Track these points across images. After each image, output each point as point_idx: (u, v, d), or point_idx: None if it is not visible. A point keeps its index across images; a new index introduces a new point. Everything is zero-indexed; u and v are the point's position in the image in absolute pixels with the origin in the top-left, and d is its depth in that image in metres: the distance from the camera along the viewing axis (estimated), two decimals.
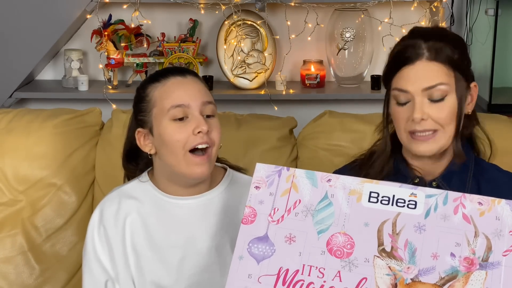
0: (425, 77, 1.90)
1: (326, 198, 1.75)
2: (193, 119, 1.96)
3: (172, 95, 1.98)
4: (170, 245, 2.03)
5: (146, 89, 2.03)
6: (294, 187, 1.78)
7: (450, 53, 1.92)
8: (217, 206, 2.06)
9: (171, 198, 2.04)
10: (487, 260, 1.63)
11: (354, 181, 1.76)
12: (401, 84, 1.92)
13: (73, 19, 3.45)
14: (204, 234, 2.03)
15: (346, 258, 1.67)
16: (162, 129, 1.97)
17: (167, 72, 2.04)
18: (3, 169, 2.67)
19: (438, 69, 1.90)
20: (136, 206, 2.05)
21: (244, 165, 2.62)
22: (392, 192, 1.73)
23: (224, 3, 3.42)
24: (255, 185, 1.80)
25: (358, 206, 1.73)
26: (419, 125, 1.89)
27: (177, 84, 2.00)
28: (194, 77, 2.04)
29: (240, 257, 1.73)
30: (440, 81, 1.89)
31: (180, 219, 2.04)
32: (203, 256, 2.02)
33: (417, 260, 1.64)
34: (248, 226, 1.76)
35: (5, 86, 3.50)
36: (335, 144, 2.71)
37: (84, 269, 2.05)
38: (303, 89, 3.57)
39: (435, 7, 3.47)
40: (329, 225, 1.72)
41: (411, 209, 1.70)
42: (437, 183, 1.97)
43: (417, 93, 1.89)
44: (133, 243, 2.03)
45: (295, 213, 1.75)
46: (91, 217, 2.07)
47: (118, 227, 2.04)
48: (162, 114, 1.97)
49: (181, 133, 1.95)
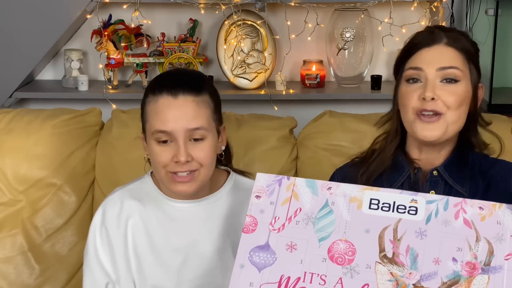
0: (441, 59, 1.92)
1: (326, 206, 1.75)
2: (174, 145, 1.92)
3: (158, 118, 1.92)
4: (171, 248, 2.02)
5: (146, 96, 1.99)
6: (295, 196, 1.78)
7: (467, 45, 1.96)
8: (219, 209, 2.05)
9: (173, 201, 2.04)
10: (489, 264, 1.63)
11: (354, 188, 1.76)
12: (416, 63, 1.94)
13: (73, 19, 3.44)
14: (206, 238, 2.03)
15: (348, 265, 1.68)
16: (149, 147, 1.96)
17: (161, 86, 1.96)
18: (3, 169, 2.67)
19: (454, 55, 1.93)
20: (138, 208, 2.04)
21: (244, 165, 2.63)
22: (392, 198, 1.73)
23: (224, 3, 3.42)
24: (256, 194, 1.80)
25: (359, 213, 1.73)
26: (429, 104, 1.89)
27: (166, 106, 1.93)
28: (186, 98, 1.94)
29: (241, 266, 1.73)
30: (455, 64, 1.92)
31: (182, 222, 2.03)
32: (205, 260, 2.02)
33: (419, 266, 1.65)
34: (249, 235, 1.76)
35: (5, 86, 3.50)
36: (335, 144, 2.71)
37: (85, 271, 2.05)
38: (303, 89, 3.57)
39: (435, 7, 3.48)
40: (330, 233, 1.72)
41: (412, 215, 1.70)
42: (438, 172, 1.97)
43: (431, 72, 1.91)
44: (134, 246, 2.02)
45: (296, 221, 1.75)
46: (93, 218, 2.06)
47: (120, 229, 2.03)
48: (149, 132, 1.95)
49: (162, 157, 1.93)
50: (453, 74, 1.91)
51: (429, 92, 1.89)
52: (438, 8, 3.46)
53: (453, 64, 1.92)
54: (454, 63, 1.92)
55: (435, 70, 1.91)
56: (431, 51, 1.94)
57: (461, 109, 1.92)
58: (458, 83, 1.91)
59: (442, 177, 1.97)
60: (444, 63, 1.91)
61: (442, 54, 1.93)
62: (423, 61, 1.93)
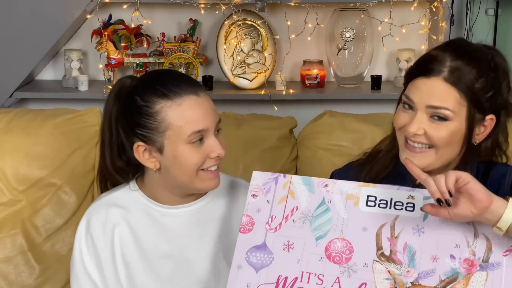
0: (434, 95, 1.82)
1: (323, 203, 1.75)
2: (209, 142, 1.91)
3: (191, 119, 1.89)
4: (161, 255, 2.00)
5: (153, 103, 1.90)
6: (291, 194, 1.77)
7: (472, 81, 1.83)
8: (208, 214, 2.03)
9: (162, 207, 2.01)
10: (488, 261, 1.63)
11: (351, 185, 1.75)
12: (410, 92, 1.86)
13: (73, 19, 3.44)
14: (196, 243, 2.00)
15: (345, 264, 1.67)
16: (178, 152, 1.90)
17: (178, 89, 1.91)
18: (3, 169, 2.67)
19: (450, 94, 1.82)
20: (124, 215, 2.01)
21: (244, 165, 2.64)
22: (389, 195, 1.72)
23: (224, 3, 3.41)
24: (252, 193, 1.80)
25: (356, 211, 1.72)
26: (413, 137, 1.84)
27: (194, 106, 1.90)
28: (205, 94, 1.94)
29: (238, 267, 1.72)
30: (447, 106, 1.82)
31: (171, 228, 2.00)
32: (196, 265, 1.99)
33: (417, 263, 1.64)
34: (245, 235, 1.76)
35: (5, 86, 3.49)
36: (335, 144, 2.71)
37: (72, 281, 2.01)
38: (303, 89, 3.57)
39: (435, 7, 3.47)
40: (327, 231, 1.72)
41: (409, 211, 1.70)
42: None
43: (421, 107, 1.83)
44: (123, 254, 1.99)
45: (292, 220, 1.75)
46: (78, 226, 2.02)
47: (107, 237, 2.00)
48: (180, 138, 1.89)
49: (198, 158, 1.90)
50: (443, 114, 1.82)
51: (412, 127, 1.83)
52: (438, 8, 3.46)
53: (445, 105, 1.81)
54: (447, 104, 1.82)
55: (424, 106, 1.83)
56: (428, 83, 1.84)
57: (450, 146, 1.85)
58: (448, 122, 1.83)
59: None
60: (436, 102, 1.82)
61: (437, 90, 1.82)
62: (416, 93, 1.85)
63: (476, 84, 1.83)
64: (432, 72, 1.83)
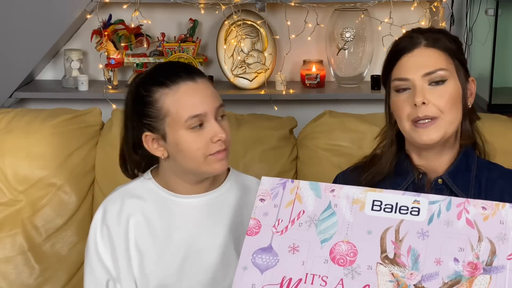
0: (424, 63, 1.91)
1: (329, 208, 1.76)
2: (209, 126, 1.94)
3: (187, 104, 1.94)
4: (173, 244, 2.03)
5: (153, 92, 1.97)
6: (298, 198, 1.79)
7: (447, 43, 1.94)
8: (221, 205, 2.06)
9: (175, 196, 2.04)
10: (491, 264, 1.63)
11: (357, 190, 1.77)
12: (401, 73, 1.93)
13: (73, 19, 3.44)
14: (208, 233, 2.03)
15: (349, 266, 1.68)
16: (179, 138, 1.95)
17: (175, 77, 1.97)
18: (3, 169, 2.67)
19: (437, 55, 1.92)
20: (140, 206, 2.04)
21: (244, 165, 2.63)
22: (395, 200, 1.73)
23: (224, 3, 3.41)
24: (260, 197, 1.82)
25: (361, 215, 1.73)
26: (421, 110, 1.88)
27: (190, 91, 1.95)
28: (204, 80, 1.99)
29: (244, 268, 1.74)
30: (440, 66, 1.91)
31: (184, 218, 2.04)
32: (206, 255, 2.02)
33: (420, 266, 1.65)
34: (252, 238, 1.77)
35: (5, 86, 3.50)
36: (335, 144, 2.72)
37: (86, 268, 2.05)
38: (303, 89, 3.57)
39: (435, 7, 3.47)
40: (332, 234, 1.73)
41: (414, 216, 1.70)
42: (442, 180, 1.96)
43: (417, 79, 1.90)
44: (136, 243, 2.03)
45: (299, 223, 1.76)
46: (94, 216, 2.06)
47: (121, 227, 2.03)
48: (178, 124, 1.94)
49: (200, 142, 1.94)
50: (439, 76, 1.90)
51: (418, 97, 1.88)
52: (438, 8, 3.46)
53: (437, 66, 1.91)
54: (438, 65, 1.91)
55: (420, 76, 1.90)
56: (413, 57, 1.92)
57: (455, 108, 1.92)
58: (446, 83, 1.90)
59: (447, 185, 1.96)
60: (429, 68, 1.90)
61: (425, 57, 1.92)
62: (407, 70, 1.92)
63: (451, 46, 1.95)
64: (413, 46, 1.93)
